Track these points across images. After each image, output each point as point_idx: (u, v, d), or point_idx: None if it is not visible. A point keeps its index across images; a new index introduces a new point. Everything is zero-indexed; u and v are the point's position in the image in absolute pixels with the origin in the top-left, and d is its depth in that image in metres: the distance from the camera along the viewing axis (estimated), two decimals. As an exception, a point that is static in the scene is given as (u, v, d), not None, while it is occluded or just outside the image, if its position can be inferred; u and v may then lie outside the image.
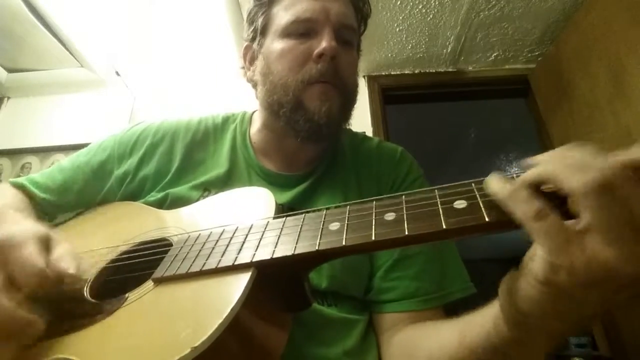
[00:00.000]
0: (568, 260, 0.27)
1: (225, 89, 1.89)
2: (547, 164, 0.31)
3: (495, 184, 0.33)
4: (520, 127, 2.48)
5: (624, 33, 1.34)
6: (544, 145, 1.85)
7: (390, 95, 1.98)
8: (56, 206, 0.72)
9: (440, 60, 1.93)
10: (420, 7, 1.64)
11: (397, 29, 1.74)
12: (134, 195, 0.71)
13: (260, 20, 0.72)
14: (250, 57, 0.76)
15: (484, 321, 0.41)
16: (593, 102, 1.49)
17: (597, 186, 0.27)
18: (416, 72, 2.00)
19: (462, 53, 1.89)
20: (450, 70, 1.99)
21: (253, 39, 0.74)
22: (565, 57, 1.66)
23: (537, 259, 0.30)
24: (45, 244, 0.44)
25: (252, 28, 0.74)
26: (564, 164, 0.29)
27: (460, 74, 1.99)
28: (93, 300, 0.48)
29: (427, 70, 1.99)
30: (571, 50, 1.63)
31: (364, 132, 1.70)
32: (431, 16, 1.68)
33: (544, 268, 0.29)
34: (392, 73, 1.99)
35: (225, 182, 0.69)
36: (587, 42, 1.53)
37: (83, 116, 1.84)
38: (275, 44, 0.68)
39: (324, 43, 0.64)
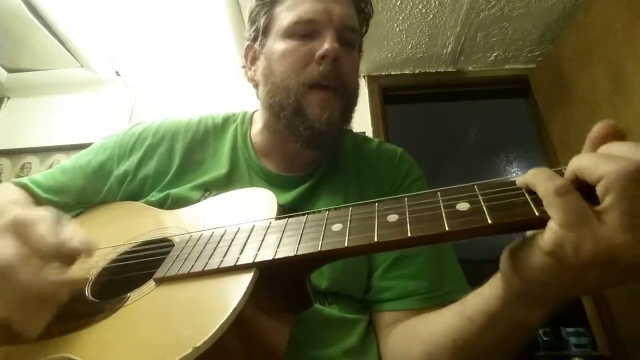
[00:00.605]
0: (577, 237, 0.29)
1: (225, 89, 1.89)
2: (579, 159, 0.31)
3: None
4: (520, 127, 2.48)
5: (624, 33, 1.35)
6: (544, 145, 1.85)
7: (390, 95, 1.98)
8: (58, 206, 0.72)
9: (440, 60, 1.93)
10: (420, 7, 1.64)
11: (397, 29, 1.74)
12: (134, 196, 0.71)
13: (262, 20, 0.71)
14: (251, 57, 0.76)
15: (482, 290, 0.43)
16: (593, 102, 1.49)
17: (628, 172, 0.28)
18: (416, 72, 2.00)
19: (462, 53, 1.89)
20: (450, 70, 1.99)
21: (255, 39, 0.74)
22: (565, 57, 1.66)
23: (546, 231, 0.31)
24: (57, 224, 0.46)
25: (254, 28, 0.73)
26: (597, 155, 0.31)
27: (460, 74, 1.99)
28: (94, 300, 0.48)
29: (427, 70, 1.99)
30: (571, 50, 1.63)
31: (364, 132, 1.71)
32: (431, 16, 1.68)
33: (552, 240, 0.30)
34: (392, 73, 2.00)
35: (226, 183, 0.69)
36: (587, 42, 1.53)
37: (83, 116, 1.84)
38: (277, 45, 0.68)
39: (326, 45, 0.63)
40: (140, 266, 0.50)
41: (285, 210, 0.63)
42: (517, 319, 0.39)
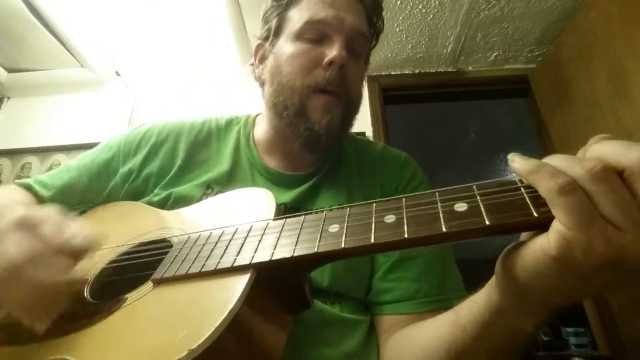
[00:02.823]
0: (587, 239, 0.27)
1: (225, 89, 1.89)
2: (601, 146, 0.30)
3: (519, 158, 0.33)
4: (520, 127, 2.48)
5: (624, 33, 1.34)
6: (544, 145, 1.85)
7: (390, 95, 1.98)
8: (60, 204, 0.72)
9: (440, 60, 1.93)
10: (420, 7, 1.64)
11: (397, 29, 1.74)
12: (137, 193, 0.71)
13: (274, 21, 0.72)
14: (261, 56, 0.76)
15: (476, 298, 0.42)
16: (593, 102, 1.49)
17: (595, 172, 0.27)
18: (416, 72, 2.00)
19: (462, 53, 1.88)
20: (450, 70, 1.99)
21: (266, 38, 0.75)
22: (565, 57, 1.66)
23: (552, 233, 0.29)
24: (61, 222, 0.46)
25: (266, 27, 0.74)
26: (619, 144, 0.29)
27: (460, 74, 1.99)
28: (92, 301, 0.48)
29: (427, 70, 1.99)
30: (571, 50, 1.63)
31: (364, 132, 1.70)
32: (431, 16, 1.68)
33: (560, 243, 0.28)
34: (392, 73, 2.00)
35: (228, 180, 0.69)
36: (587, 42, 1.53)
37: (83, 116, 1.84)
38: (287, 46, 0.69)
39: (334, 51, 0.64)
40: (138, 267, 0.50)
41: (286, 209, 0.63)
42: (513, 328, 0.38)
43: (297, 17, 0.69)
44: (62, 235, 0.43)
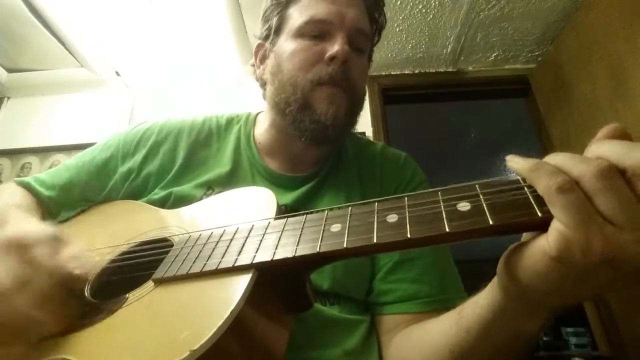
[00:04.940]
0: (586, 237, 0.27)
1: (225, 89, 1.89)
2: (553, 158, 0.31)
3: (518, 159, 0.33)
4: (520, 127, 2.48)
5: (624, 33, 1.34)
6: (544, 145, 1.85)
7: (390, 95, 1.98)
8: (60, 203, 0.72)
9: (440, 60, 1.93)
10: (420, 7, 1.64)
11: (397, 29, 1.74)
12: (137, 193, 0.71)
13: (274, 20, 0.71)
14: (261, 56, 0.76)
15: (478, 298, 0.42)
16: (593, 102, 1.49)
17: (599, 170, 0.27)
18: (416, 72, 2.00)
19: (462, 53, 1.88)
20: (450, 70, 1.99)
21: (266, 38, 0.74)
22: (565, 57, 1.66)
23: (551, 232, 0.29)
24: (55, 245, 0.44)
25: (266, 26, 0.74)
26: (570, 156, 0.30)
27: (460, 74, 1.99)
28: (93, 300, 0.47)
29: (427, 70, 1.99)
30: (571, 50, 1.63)
31: (364, 132, 1.70)
32: (431, 16, 1.68)
33: (559, 242, 0.28)
34: (392, 73, 1.99)
35: (228, 181, 0.69)
36: (587, 42, 1.53)
37: (83, 116, 1.84)
38: (288, 44, 0.68)
39: (336, 46, 0.63)
40: (139, 266, 0.50)
41: (286, 210, 0.62)
42: (516, 328, 0.38)
43: (297, 15, 0.68)
44: (55, 259, 0.42)
